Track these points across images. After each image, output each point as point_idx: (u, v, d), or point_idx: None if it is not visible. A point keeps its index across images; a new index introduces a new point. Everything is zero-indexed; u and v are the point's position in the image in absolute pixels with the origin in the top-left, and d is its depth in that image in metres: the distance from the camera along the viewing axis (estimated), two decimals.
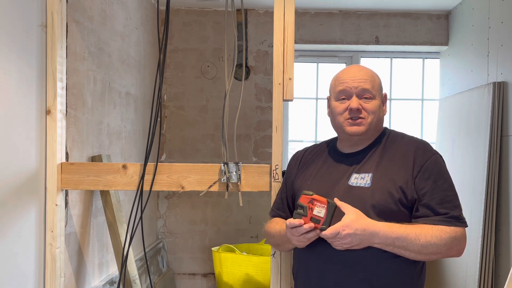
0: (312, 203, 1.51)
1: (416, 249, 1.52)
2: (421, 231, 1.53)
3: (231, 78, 2.12)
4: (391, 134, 1.74)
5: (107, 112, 2.63)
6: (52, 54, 1.94)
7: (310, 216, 1.52)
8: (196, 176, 2.01)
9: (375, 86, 1.68)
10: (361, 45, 3.93)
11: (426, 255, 1.54)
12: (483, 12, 3.27)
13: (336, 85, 1.71)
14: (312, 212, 1.51)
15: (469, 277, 3.07)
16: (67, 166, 2.01)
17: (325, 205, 1.50)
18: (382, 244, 1.52)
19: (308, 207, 1.51)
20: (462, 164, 3.29)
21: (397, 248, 1.53)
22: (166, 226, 3.93)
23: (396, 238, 1.51)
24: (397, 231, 1.52)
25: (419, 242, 1.51)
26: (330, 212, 1.51)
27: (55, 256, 1.95)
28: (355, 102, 1.65)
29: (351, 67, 1.74)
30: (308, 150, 1.86)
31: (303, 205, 1.52)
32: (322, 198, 1.51)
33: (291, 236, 1.57)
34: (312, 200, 1.51)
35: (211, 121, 3.92)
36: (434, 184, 1.58)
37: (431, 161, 1.61)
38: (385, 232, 1.51)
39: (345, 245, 1.51)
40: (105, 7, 2.57)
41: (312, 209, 1.51)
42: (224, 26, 3.07)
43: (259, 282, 3.10)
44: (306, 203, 1.52)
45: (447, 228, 1.54)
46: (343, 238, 1.49)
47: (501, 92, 2.97)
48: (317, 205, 1.50)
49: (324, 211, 1.50)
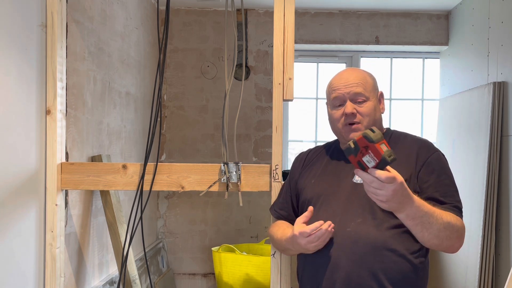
0: (366, 149, 1.37)
1: (437, 229, 1.49)
2: (442, 212, 1.52)
3: (231, 78, 2.12)
4: (394, 134, 1.76)
5: (107, 112, 2.63)
6: (52, 54, 1.94)
7: (357, 160, 1.40)
8: (196, 176, 2.01)
9: (367, 88, 1.70)
10: (361, 45, 3.93)
11: (440, 238, 1.51)
12: (483, 12, 3.27)
13: (330, 92, 1.75)
14: (362, 157, 1.39)
15: (469, 277, 3.07)
16: (67, 166, 2.01)
17: (378, 160, 1.37)
18: (410, 214, 1.46)
19: (361, 150, 1.38)
20: (462, 164, 3.29)
21: (421, 224, 1.48)
22: (166, 226, 3.93)
23: (426, 212, 1.47)
24: (428, 206, 1.49)
25: (442, 221, 1.50)
26: (380, 168, 1.38)
27: (55, 256, 1.95)
28: (349, 107, 1.67)
29: (342, 73, 1.76)
30: (312, 151, 1.88)
31: (358, 147, 1.39)
32: (381, 150, 1.36)
33: (304, 243, 1.54)
34: (367, 146, 1.37)
35: (211, 121, 3.92)
36: (437, 178, 1.60)
37: (434, 157, 1.64)
38: (419, 203, 1.47)
39: (383, 197, 1.40)
40: (105, 7, 2.57)
41: (363, 154, 1.38)
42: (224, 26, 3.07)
43: (259, 282, 3.10)
44: (362, 146, 1.38)
45: (456, 216, 1.56)
46: (390, 189, 1.38)
47: (501, 92, 2.97)
48: (369, 154, 1.37)
49: (374, 164, 1.38)
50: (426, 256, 1.63)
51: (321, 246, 1.58)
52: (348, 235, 1.58)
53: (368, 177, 1.39)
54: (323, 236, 1.54)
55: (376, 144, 1.36)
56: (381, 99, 1.76)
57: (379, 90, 1.76)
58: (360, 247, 1.55)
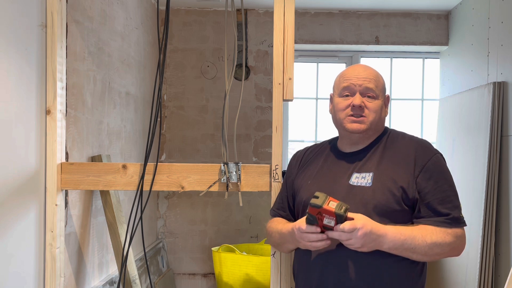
0: (321, 214, 1.48)
1: (423, 251, 1.52)
2: (425, 233, 1.53)
3: (231, 78, 2.12)
4: (392, 133, 1.75)
5: (107, 112, 2.63)
6: (52, 54, 1.94)
7: (321, 225, 1.49)
8: (196, 176, 2.01)
9: (378, 86, 1.69)
10: (361, 45, 3.93)
11: (431, 256, 1.55)
12: (483, 12, 3.27)
13: (340, 81, 1.72)
14: (322, 222, 1.49)
15: (469, 277, 3.07)
16: (67, 166, 2.01)
17: (334, 217, 1.47)
18: (391, 247, 1.51)
19: (318, 218, 1.48)
20: (462, 164, 3.29)
21: (405, 251, 1.52)
22: (166, 226, 3.93)
23: (404, 240, 1.50)
24: (405, 232, 1.52)
25: (425, 243, 1.52)
26: (339, 221, 1.48)
27: (55, 256, 1.95)
28: (358, 99, 1.65)
29: (357, 66, 1.76)
30: (309, 150, 1.87)
31: (313, 216, 1.49)
32: (331, 209, 1.46)
33: (300, 239, 1.55)
34: (320, 212, 1.48)
35: (211, 121, 3.92)
36: (435, 185, 1.59)
37: (432, 161, 1.62)
38: (393, 234, 1.50)
39: (357, 244, 1.47)
40: (105, 7, 2.57)
41: (322, 220, 1.48)
42: (224, 26, 3.07)
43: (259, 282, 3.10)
44: (315, 214, 1.48)
45: (449, 230, 1.55)
46: (358, 236, 1.45)
47: (501, 92, 2.97)
48: (326, 216, 1.47)
49: (334, 221, 1.47)
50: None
51: (311, 249, 1.56)
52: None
53: (335, 234, 1.47)
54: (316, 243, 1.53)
55: (324, 206, 1.46)
56: (386, 102, 1.75)
57: (387, 93, 1.76)
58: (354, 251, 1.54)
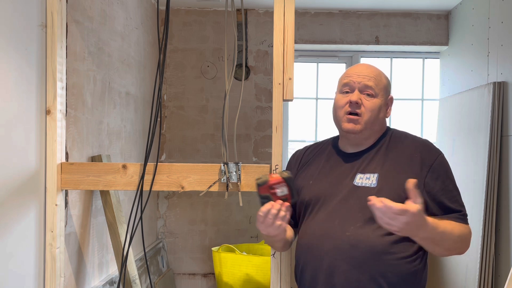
0: (271, 188, 1.46)
1: (448, 244, 1.54)
2: (452, 226, 1.55)
3: (231, 78, 2.12)
4: (394, 134, 1.74)
5: (107, 112, 2.63)
6: (52, 54, 1.94)
7: (276, 199, 1.49)
8: (196, 176, 2.01)
9: (379, 85, 1.69)
10: (361, 45, 3.93)
11: (451, 250, 1.57)
12: (483, 12, 3.27)
13: (342, 78, 1.75)
14: (277, 196, 1.47)
15: (469, 277, 3.07)
16: (67, 166, 2.01)
17: (283, 182, 1.45)
18: (423, 238, 1.48)
19: (271, 193, 1.47)
20: (462, 164, 3.29)
21: (433, 243, 1.51)
22: (166, 226, 3.93)
23: (439, 232, 1.49)
24: (441, 225, 1.51)
25: (453, 236, 1.54)
26: (291, 185, 1.47)
27: (55, 256, 1.95)
28: (355, 96, 1.67)
29: (361, 64, 1.78)
30: (309, 149, 1.86)
31: (266, 195, 1.48)
32: (277, 177, 1.45)
33: (264, 223, 1.54)
34: (270, 186, 1.46)
35: (211, 121, 3.92)
36: (442, 184, 1.61)
37: (438, 161, 1.64)
38: (433, 226, 1.47)
39: (397, 227, 1.39)
40: (105, 7, 2.57)
41: (275, 194, 1.47)
42: (224, 26, 3.07)
43: (259, 282, 3.10)
44: (267, 192, 1.47)
45: (465, 225, 1.60)
46: (404, 221, 1.36)
47: (501, 92, 2.97)
48: (276, 187, 1.46)
49: (286, 187, 1.46)
50: (425, 258, 1.63)
51: (272, 232, 1.56)
52: (347, 239, 1.57)
53: (380, 209, 1.37)
54: (268, 219, 1.53)
55: (270, 180, 1.46)
56: (389, 103, 1.75)
57: (391, 94, 1.76)
58: (359, 251, 1.55)
